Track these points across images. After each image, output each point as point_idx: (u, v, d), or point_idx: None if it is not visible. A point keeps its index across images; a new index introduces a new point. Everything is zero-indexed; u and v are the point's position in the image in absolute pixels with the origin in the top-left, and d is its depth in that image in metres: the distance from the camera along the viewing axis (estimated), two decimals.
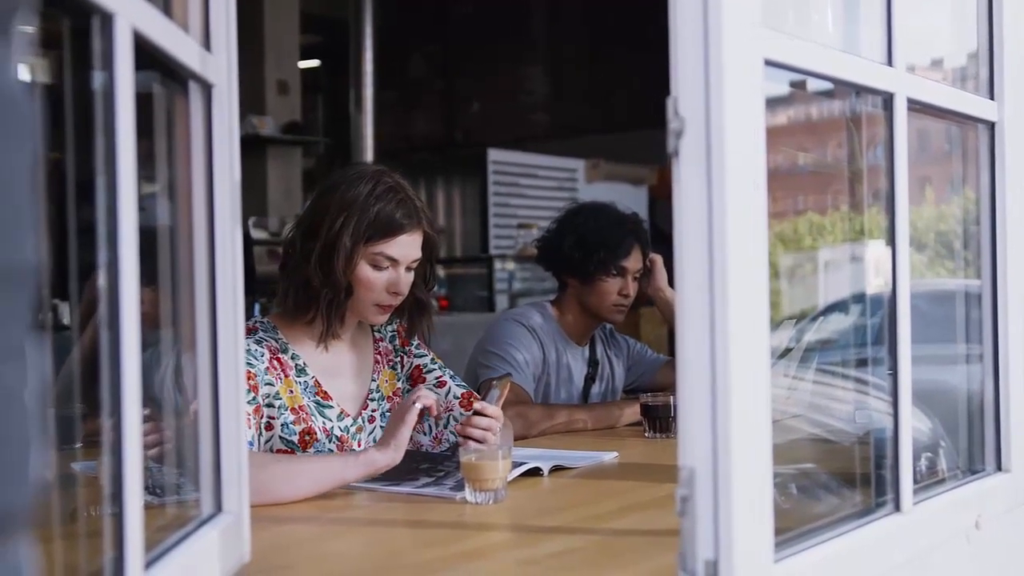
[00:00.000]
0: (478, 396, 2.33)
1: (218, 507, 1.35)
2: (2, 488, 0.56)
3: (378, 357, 2.35)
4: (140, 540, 1.01)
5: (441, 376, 2.36)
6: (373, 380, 2.32)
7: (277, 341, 2.20)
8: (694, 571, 1.16)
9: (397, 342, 2.39)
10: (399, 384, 2.37)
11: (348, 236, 2.12)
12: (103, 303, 0.98)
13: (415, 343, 2.40)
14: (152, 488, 1.28)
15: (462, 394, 2.34)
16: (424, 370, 2.38)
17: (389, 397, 2.34)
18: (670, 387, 2.98)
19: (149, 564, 1.07)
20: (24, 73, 0.59)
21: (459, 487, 1.90)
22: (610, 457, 2.33)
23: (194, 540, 1.24)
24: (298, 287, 2.17)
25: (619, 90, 9.09)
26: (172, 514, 1.38)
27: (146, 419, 1.05)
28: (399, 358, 2.38)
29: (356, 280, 2.17)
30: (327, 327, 2.20)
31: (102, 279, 0.98)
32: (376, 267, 2.17)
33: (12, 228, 0.55)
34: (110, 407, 0.98)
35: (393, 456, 1.92)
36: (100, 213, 0.97)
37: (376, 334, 2.37)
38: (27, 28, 0.60)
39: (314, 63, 9.76)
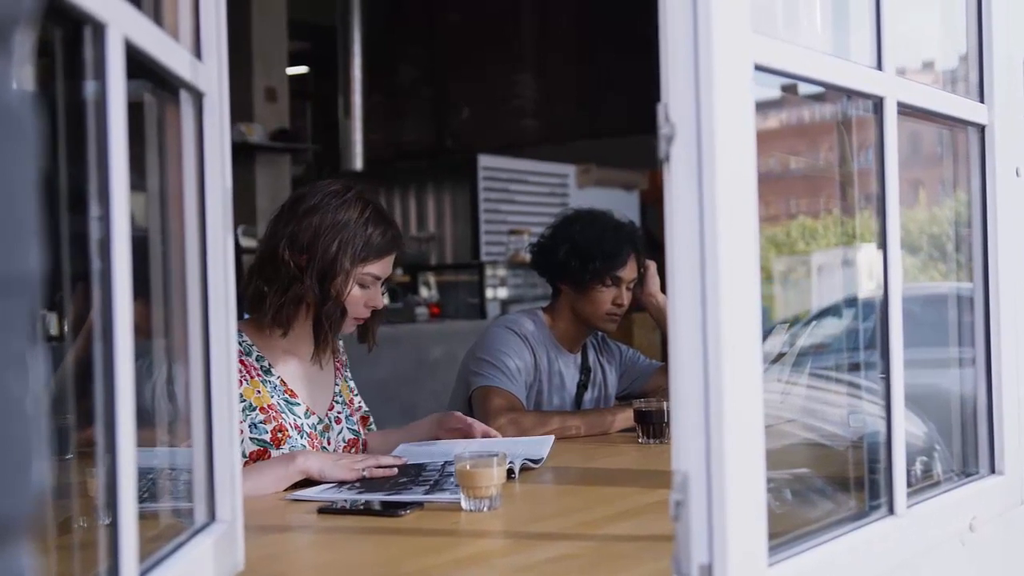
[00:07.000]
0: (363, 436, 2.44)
1: (212, 516, 1.35)
2: (5, 495, 0.56)
3: (338, 365, 2.46)
4: (135, 550, 1.00)
5: (340, 414, 2.41)
6: (336, 384, 2.42)
7: (241, 344, 2.24)
8: (688, 575, 1.16)
9: (345, 358, 2.50)
10: (351, 395, 2.47)
11: (347, 259, 2.22)
12: (96, 314, 0.97)
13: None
14: (143, 496, 1.27)
15: (349, 439, 2.39)
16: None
17: (348, 403, 2.43)
18: (663, 393, 2.98)
19: (143, 574, 1.07)
20: (24, 83, 0.59)
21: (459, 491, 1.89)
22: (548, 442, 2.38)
23: (188, 549, 1.24)
24: (291, 302, 2.23)
25: (609, 95, 9.10)
26: (165, 523, 1.38)
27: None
28: (348, 372, 2.49)
29: (346, 300, 2.26)
30: (325, 341, 2.28)
31: (95, 289, 0.97)
32: (362, 286, 2.27)
33: (16, 237, 0.55)
34: (104, 417, 0.98)
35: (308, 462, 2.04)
36: (92, 222, 0.97)
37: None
38: (28, 39, 0.60)
39: (302, 70, 9.75)
